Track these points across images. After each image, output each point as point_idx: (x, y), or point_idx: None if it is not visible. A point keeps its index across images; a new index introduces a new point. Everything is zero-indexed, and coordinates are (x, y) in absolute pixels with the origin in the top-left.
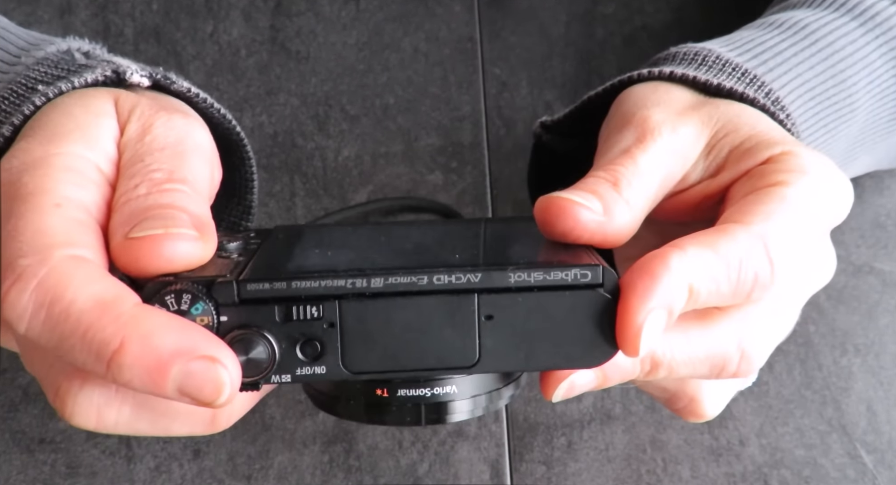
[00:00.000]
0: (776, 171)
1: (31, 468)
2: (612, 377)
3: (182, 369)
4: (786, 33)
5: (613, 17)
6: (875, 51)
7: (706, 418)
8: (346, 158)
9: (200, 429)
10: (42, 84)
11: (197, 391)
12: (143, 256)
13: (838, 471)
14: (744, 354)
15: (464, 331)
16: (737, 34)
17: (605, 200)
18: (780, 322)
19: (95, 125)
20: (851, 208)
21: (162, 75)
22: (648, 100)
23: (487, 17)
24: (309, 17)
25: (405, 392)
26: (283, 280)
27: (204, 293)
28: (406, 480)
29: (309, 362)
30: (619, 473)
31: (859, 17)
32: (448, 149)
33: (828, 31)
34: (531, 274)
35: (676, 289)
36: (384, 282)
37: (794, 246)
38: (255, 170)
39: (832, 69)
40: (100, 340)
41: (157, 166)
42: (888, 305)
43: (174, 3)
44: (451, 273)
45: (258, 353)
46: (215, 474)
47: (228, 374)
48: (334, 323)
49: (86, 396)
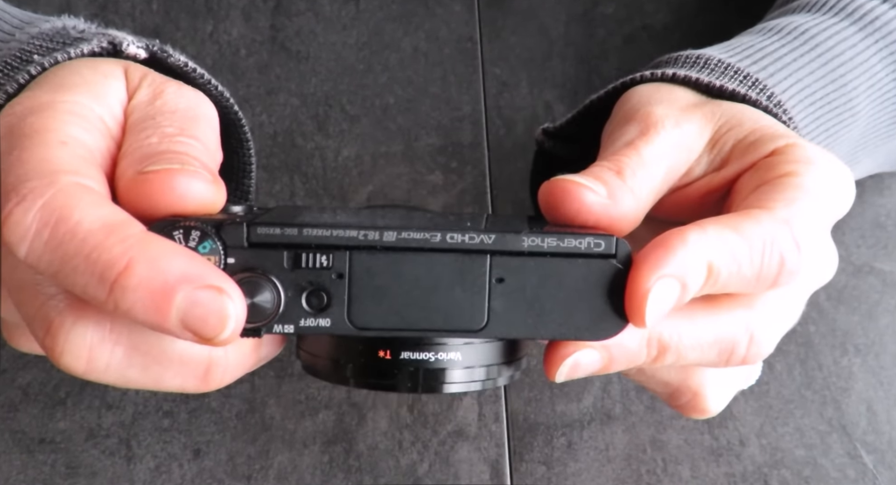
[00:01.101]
0: (786, 161)
1: (31, 468)
2: (617, 359)
3: (188, 296)
4: (785, 39)
5: (613, 17)
6: (875, 55)
7: (709, 413)
8: (346, 158)
9: (192, 384)
10: (38, 55)
11: (201, 322)
12: (156, 191)
13: (838, 471)
14: (753, 340)
15: (474, 292)
16: (736, 40)
17: (610, 186)
18: (789, 310)
19: (103, 84)
20: (852, 208)
21: (159, 47)
22: (652, 98)
23: (487, 17)
24: (309, 17)
25: (408, 355)
26: (294, 227)
27: (213, 232)
28: (406, 480)
29: (314, 313)
30: (619, 473)
31: (858, 21)
32: (448, 149)
33: (827, 36)
34: (545, 239)
35: (692, 262)
36: (397, 235)
37: (816, 233)
38: (253, 152)
39: (832, 74)
40: (105, 261)
41: (168, 124)
42: (888, 305)
43: (174, 3)
44: (465, 233)
45: (263, 298)
46: (215, 474)
47: (234, 307)
48: (343, 274)
49: (79, 332)
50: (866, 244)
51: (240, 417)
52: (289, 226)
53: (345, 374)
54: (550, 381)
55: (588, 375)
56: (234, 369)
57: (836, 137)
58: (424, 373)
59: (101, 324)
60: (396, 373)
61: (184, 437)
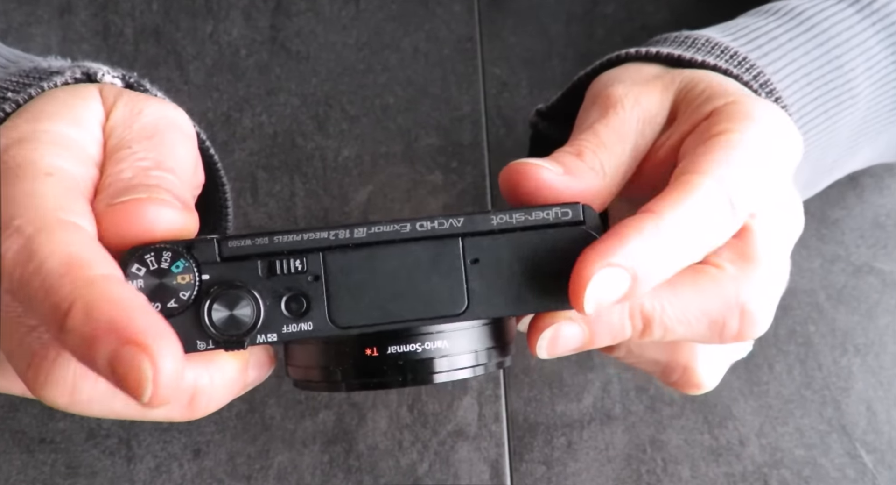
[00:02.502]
0: (721, 120)
1: (31, 468)
2: (599, 333)
3: (111, 349)
4: (781, 19)
5: (613, 17)
6: (873, 37)
7: (703, 387)
8: (346, 158)
9: (177, 414)
10: (11, 92)
11: (122, 379)
12: (125, 220)
13: (838, 471)
14: (744, 312)
15: (451, 276)
16: (732, 21)
17: (567, 165)
18: (773, 275)
19: (82, 107)
20: (851, 208)
21: (135, 80)
22: (615, 78)
23: (487, 17)
24: (309, 17)
25: (395, 349)
26: (265, 236)
27: (184, 251)
28: (406, 480)
29: (295, 319)
30: (619, 473)
31: (856, 3)
32: (448, 149)
33: (823, 17)
34: (513, 215)
35: (643, 252)
36: (367, 231)
37: (755, 189)
38: (230, 196)
39: (828, 54)
40: (53, 303)
41: (143, 155)
42: (888, 305)
43: (174, 3)
44: (434, 220)
45: (242, 310)
46: (215, 474)
47: (154, 370)
48: (319, 276)
49: (61, 366)
50: (866, 244)
51: (240, 417)
52: (259, 236)
53: (336, 379)
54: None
55: (572, 350)
56: (220, 396)
57: (837, 120)
58: (412, 364)
59: None
60: (385, 369)
61: (184, 437)
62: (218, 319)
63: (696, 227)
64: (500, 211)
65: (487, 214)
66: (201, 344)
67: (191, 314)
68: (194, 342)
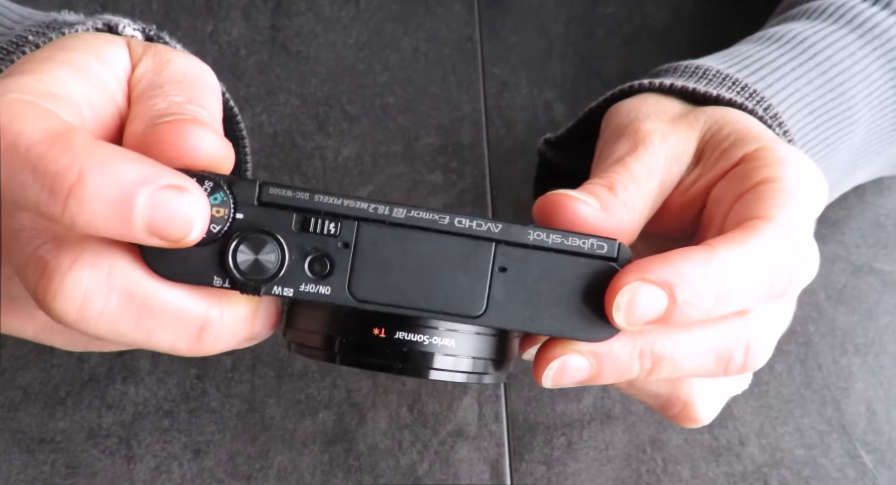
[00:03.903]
0: (761, 166)
1: (31, 468)
2: (606, 370)
3: (149, 198)
4: (784, 47)
5: (613, 17)
6: (874, 63)
7: (701, 423)
8: (346, 158)
9: (185, 343)
10: (32, 35)
11: (167, 225)
12: (168, 141)
13: (838, 471)
14: (749, 347)
15: (476, 278)
16: (735, 49)
17: (603, 199)
18: (782, 313)
19: (106, 48)
20: (851, 208)
21: (155, 33)
22: (640, 111)
23: (487, 17)
24: (309, 17)
25: (403, 335)
26: (306, 191)
27: (225, 184)
28: (406, 480)
29: (315, 280)
30: (619, 473)
31: (857, 29)
32: (448, 149)
33: (826, 44)
34: (549, 235)
35: (681, 274)
36: (406, 213)
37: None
38: (249, 150)
39: (831, 82)
40: (53, 173)
41: (175, 92)
42: (888, 305)
43: (174, 3)
44: (473, 219)
45: (267, 257)
46: (215, 474)
47: (198, 204)
48: (349, 243)
49: (75, 275)
50: (866, 244)
51: (240, 417)
52: (301, 190)
53: (333, 350)
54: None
55: (576, 383)
56: (228, 334)
57: (836, 145)
58: (415, 355)
59: (98, 267)
60: (387, 351)
61: (184, 437)
62: (242, 260)
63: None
64: (538, 227)
65: (526, 226)
66: (217, 280)
67: (215, 248)
68: (211, 276)
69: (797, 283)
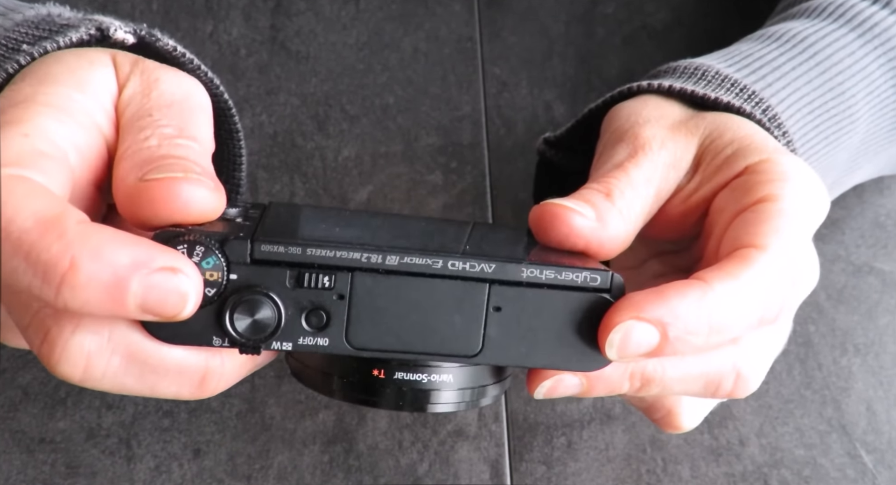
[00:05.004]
0: (761, 182)
1: (31, 468)
2: (596, 387)
3: (142, 282)
4: (784, 46)
5: (613, 17)
6: (874, 62)
7: (683, 429)
8: (346, 158)
9: (188, 391)
10: (26, 44)
11: (160, 305)
12: (159, 199)
13: (838, 471)
14: (740, 375)
15: (471, 319)
16: (735, 48)
17: (599, 209)
18: (775, 341)
19: (89, 72)
20: (851, 208)
21: (146, 32)
22: (640, 116)
23: (487, 17)
24: (309, 16)
25: (402, 375)
26: (298, 245)
27: (217, 248)
28: (406, 480)
29: (313, 333)
30: (619, 473)
31: (857, 27)
32: (448, 149)
33: (826, 44)
34: (543, 271)
35: (675, 313)
36: (399, 260)
37: (806, 255)
38: (244, 144)
39: (830, 82)
40: (46, 261)
41: (166, 122)
42: (888, 305)
43: (174, 3)
44: (466, 261)
45: (264, 315)
46: (215, 474)
47: (191, 283)
48: (344, 295)
49: (77, 341)
50: (866, 244)
51: (240, 417)
52: (293, 245)
53: (332, 387)
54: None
55: (566, 396)
56: (230, 376)
57: (836, 145)
58: (414, 393)
59: (99, 333)
60: (387, 391)
61: (184, 437)
62: (240, 324)
63: (748, 302)
64: (531, 264)
65: (520, 264)
66: (217, 340)
67: (212, 310)
68: (210, 337)
69: (790, 307)
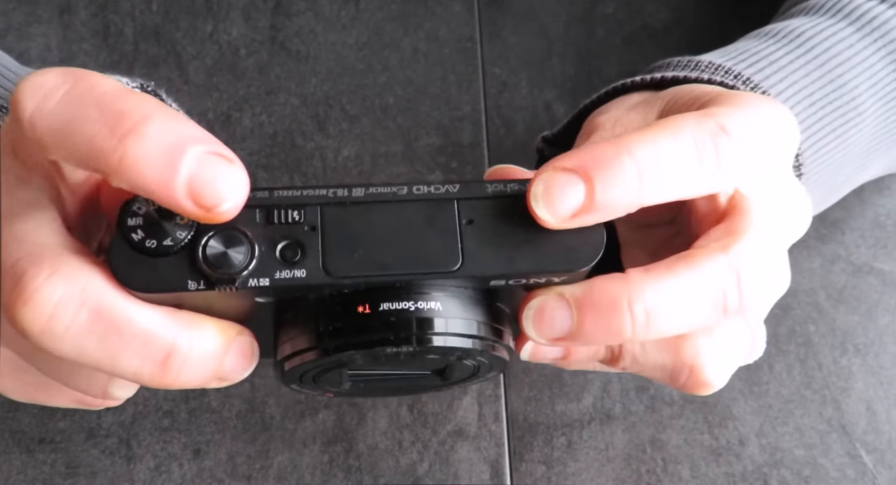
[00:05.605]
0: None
1: (31, 468)
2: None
3: (199, 155)
4: (781, 42)
5: (613, 17)
6: (874, 54)
7: (713, 386)
8: (345, 158)
9: (149, 370)
10: None
11: (207, 186)
12: None
13: (838, 471)
14: (693, 370)
15: (446, 235)
16: (733, 45)
17: None
18: (736, 341)
19: None
20: (851, 208)
21: (152, 90)
22: (604, 109)
23: (487, 17)
24: (309, 17)
25: (387, 306)
26: (265, 190)
27: None
28: (406, 480)
29: (289, 265)
30: (619, 473)
31: (856, 22)
32: (448, 149)
33: (823, 37)
34: (507, 185)
35: (594, 158)
36: (365, 191)
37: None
38: None
39: (830, 74)
40: (121, 111)
41: None
42: (888, 305)
43: (174, 3)
44: (431, 184)
45: (237, 250)
46: (215, 474)
47: (243, 177)
48: (315, 226)
49: (50, 286)
50: (866, 244)
51: (240, 417)
52: (259, 190)
53: (323, 343)
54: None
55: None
56: (195, 366)
57: (845, 138)
58: (405, 322)
59: (74, 281)
60: (377, 326)
61: (184, 437)
62: (212, 254)
63: (667, 155)
64: (496, 181)
65: (483, 182)
66: (192, 284)
67: (185, 254)
68: (185, 281)
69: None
